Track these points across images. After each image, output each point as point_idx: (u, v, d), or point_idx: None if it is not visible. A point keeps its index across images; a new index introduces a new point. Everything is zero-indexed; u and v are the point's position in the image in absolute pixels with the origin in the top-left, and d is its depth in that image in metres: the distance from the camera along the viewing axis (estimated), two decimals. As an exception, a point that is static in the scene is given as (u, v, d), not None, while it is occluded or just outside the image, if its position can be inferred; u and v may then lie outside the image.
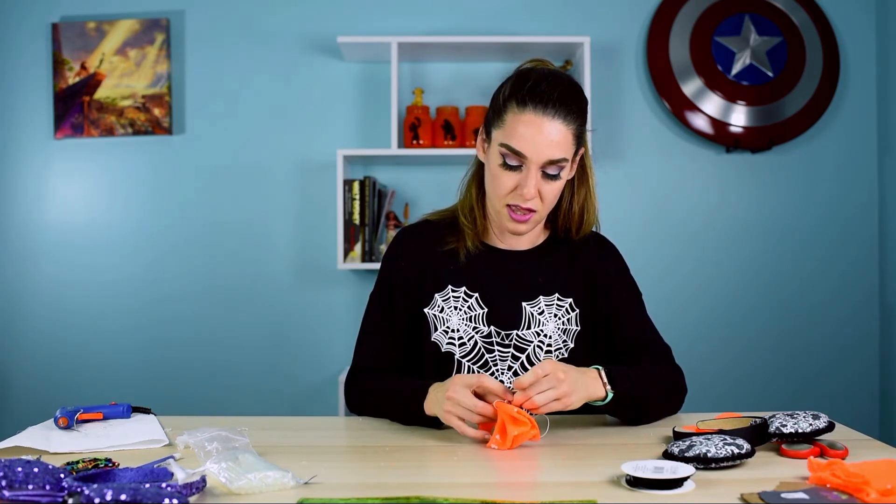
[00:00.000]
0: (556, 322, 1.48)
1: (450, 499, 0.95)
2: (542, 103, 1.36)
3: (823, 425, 1.18)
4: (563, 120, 1.36)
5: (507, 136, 1.37)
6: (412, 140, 2.88)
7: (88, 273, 3.03)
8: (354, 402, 1.51)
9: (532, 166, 1.37)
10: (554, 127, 1.36)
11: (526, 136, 1.36)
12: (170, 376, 3.02)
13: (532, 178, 1.37)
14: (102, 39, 3.00)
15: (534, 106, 1.36)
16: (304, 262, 3.05)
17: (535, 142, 1.35)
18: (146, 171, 3.04)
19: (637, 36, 3.06)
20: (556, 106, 1.36)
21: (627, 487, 1.01)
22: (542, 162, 1.37)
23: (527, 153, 1.36)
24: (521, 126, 1.36)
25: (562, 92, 1.37)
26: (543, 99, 1.36)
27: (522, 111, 1.36)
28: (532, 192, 1.37)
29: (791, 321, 3.07)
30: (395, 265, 1.54)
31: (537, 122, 1.35)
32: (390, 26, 3.02)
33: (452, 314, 1.48)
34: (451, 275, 1.50)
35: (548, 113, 1.36)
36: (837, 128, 3.07)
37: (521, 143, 1.36)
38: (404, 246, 1.55)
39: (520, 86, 1.39)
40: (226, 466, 1.01)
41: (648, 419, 1.39)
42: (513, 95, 1.39)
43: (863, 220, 3.07)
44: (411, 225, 1.61)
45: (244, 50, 3.04)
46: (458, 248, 1.51)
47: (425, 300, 1.50)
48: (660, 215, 3.06)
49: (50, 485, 0.91)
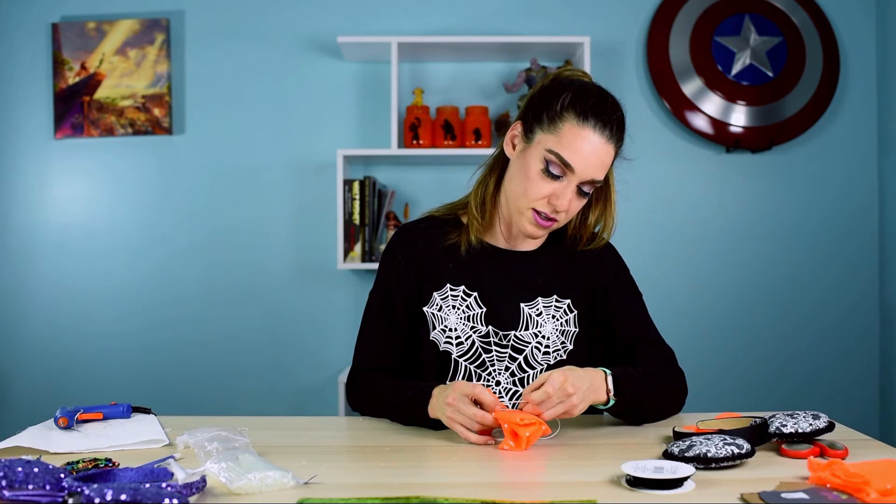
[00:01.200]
0: (554, 323, 1.48)
1: (450, 499, 0.95)
2: (603, 124, 1.36)
3: (823, 425, 1.18)
4: (615, 144, 1.39)
5: (561, 145, 1.36)
6: (412, 140, 2.88)
7: (89, 273, 3.03)
8: (356, 403, 1.51)
9: (574, 180, 1.37)
10: (608, 149, 1.38)
11: (582, 151, 1.35)
12: (170, 376, 3.02)
13: (569, 192, 1.38)
14: (102, 39, 3.00)
15: (594, 124, 1.36)
16: (304, 262, 3.05)
17: (587, 159, 1.36)
18: (146, 172, 3.04)
19: (637, 36, 3.06)
20: (614, 130, 1.38)
21: (627, 487, 1.01)
22: (586, 179, 1.38)
23: (577, 168, 1.36)
24: (580, 140, 1.35)
25: (620, 116, 1.40)
26: (606, 120, 1.37)
27: (583, 126, 1.36)
28: (566, 204, 1.38)
29: (791, 321, 3.07)
30: (393, 263, 1.54)
31: (596, 141, 1.36)
32: (390, 26, 3.03)
33: (450, 313, 1.48)
34: (450, 273, 1.50)
35: (605, 134, 1.37)
36: (837, 128, 3.07)
37: (575, 158, 1.36)
38: (403, 243, 1.55)
39: (583, 98, 1.38)
40: (226, 466, 1.01)
41: (648, 421, 1.39)
42: (574, 106, 1.37)
43: (863, 220, 3.07)
44: (411, 222, 1.60)
45: (244, 50, 3.04)
46: (459, 242, 1.50)
47: (424, 298, 1.50)
48: (660, 215, 3.06)
49: (50, 485, 0.91)
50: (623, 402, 1.31)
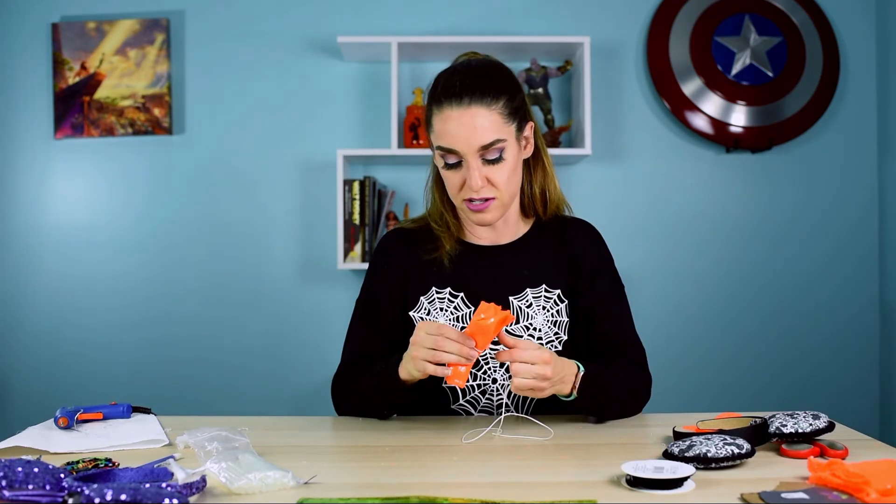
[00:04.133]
0: (546, 315, 1.48)
1: (450, 499, 0.95)
2: (455, 95, 1.38)
3: (823, 425, 1.18)
4: (480, 103, 1.38)
5: (438, 137, 1.41)
6: (412, 140, 2.88)
7: (89, 273, 3.03)
8: (338, 398, 1.51)
9: (469, 158, 1.39)
10: (473, 113, 1.37)
11: (450, 131, 1.38)
12: (170, 376, 3.02)
13: (474, 170, 1.39)
14: (102, 39, 3.00)
15: (448, 100, 1.39)
16: (304, 262, 3.05)
17: (459, 134, 1.38)
18: (146, 172, 3.04)
19: (637, 36, 3.06)
20: (470, 92, 1.38)
21: (627, 487, 1.01)
22: (476, 150, 1.38)
23: (457, 147, 1.38)
24: (444, 123, 1.39)
25: (473, 78, 1.40)
26: (456, 91, 1.38)
27: (441, 109, 1.39)
28: (478, 182, 1.39)
29: (791, 321, 3.07)
30: (379, 267, 1.56)
31: (456, 115, 1.38)
32: (390, 26, 3.03)
33: (439, 315, 1.48)
34: (434, 277, 1.51)
35: (463, 102, 1.37)
36: (837, 128, 3.07)
37: (449, 140, 1.39)
38: (390, 249, 1.57)
39: (434, 88, 1.43)
40: (226, 466, 1.01)
41: (606, 419, 1.42)
42: (431, 99, 1.43)
43: (863, 220, 3.07)
44: (394, 230, 1.62)
45: (244, 50, 3.04)
46: (440, 255, 1.52)
47: (410, 303, 1.51)
48: (659, 215, 3.06)
49: (50, 485, 0.91)
50: (583, 400, 1.36)
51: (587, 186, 3.01)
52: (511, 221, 1.54)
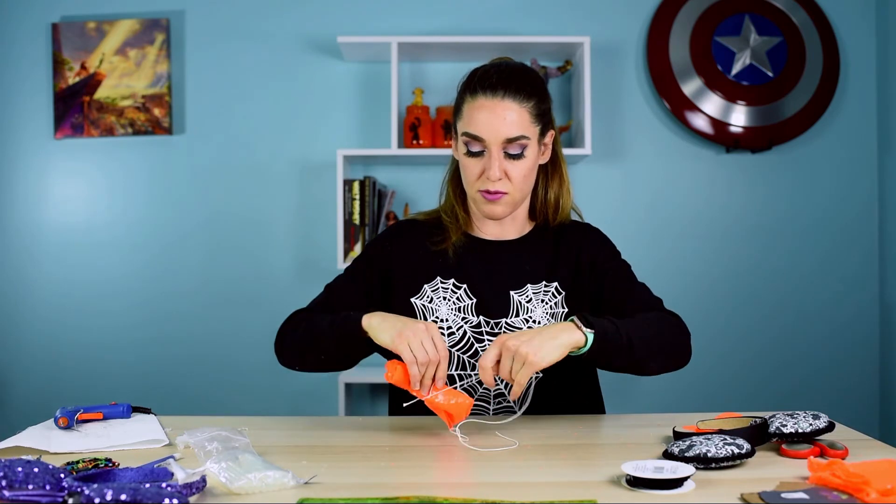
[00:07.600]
0: (544, 308, 1.50)
1: (450, 499, 0.95)
2: (490, 87, 1.43)
3: (823, 425, 1.18)
4: (513, 99, 1.43)
5: (466, 124, 1.45)
6: (412, 140, 2.88)
7: (88, 273, 3.03)
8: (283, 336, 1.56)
9: (493, 147, 1.43)
10: (506, 106, 1.43)
11: (481, 119, 1.43)
12: (170, 376, 3.02)
13: (495, 160, 1.43)
14: (102, 39, 3.00)
15: (483, 91, 1.43)
16: (305, 261, 3.05)
17: (489, 123, 1.42)
18: (146, 171, 3.04)
19: (637, 36, 3.06)
20: (505, 87, 1.43)
21: (627, 487, 1.01)
22: (501, 141, 1.43)
23: (483, 135, 1.43)
24: (475, 111, 1.44)
25: (510, 74, 1.46)
26: (492, 83, 1.44)
27: (475, 98, 1.44)
28: (497, 172, 1.43)
29: (791, 321, 3.07)
30: (381, 246, 1.59)
31: (489, 105, 1.43)
32: (390, 26, 3.03)
33: (441, 304, 1.51)
34: (439, 268, 1.54)
35: (497, 94, 1.43)
36: (837, 128, 3.07)
37: (478, 127, 1.43)
38: (402, 232, 1.60)
39: (470, 78, 1.48)
40: (226, 466, 1.01)
41: (652, 364, 1.36)
42: (465, 88, 1.48)
43: (863, 220, 3.07)
44: (407, 219, 1.66)
45: (244, 50, 3.04)
46: (446, 247, 1.55)
47: (413, 291, 1.53)
48: (659, 215, 3.06)
49: (50, 485, 0.91)
50: (605, 338, 1.28)
51: (587, 186, 3.01)
52: (518, 220, 1.58)
